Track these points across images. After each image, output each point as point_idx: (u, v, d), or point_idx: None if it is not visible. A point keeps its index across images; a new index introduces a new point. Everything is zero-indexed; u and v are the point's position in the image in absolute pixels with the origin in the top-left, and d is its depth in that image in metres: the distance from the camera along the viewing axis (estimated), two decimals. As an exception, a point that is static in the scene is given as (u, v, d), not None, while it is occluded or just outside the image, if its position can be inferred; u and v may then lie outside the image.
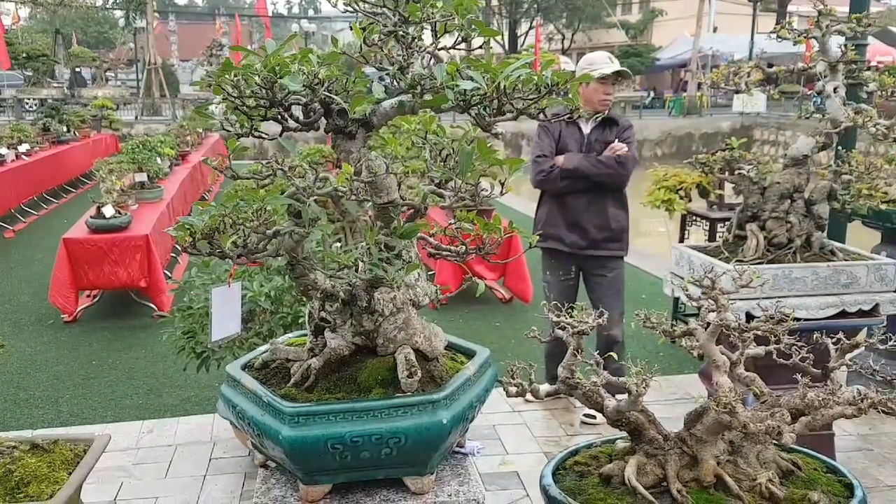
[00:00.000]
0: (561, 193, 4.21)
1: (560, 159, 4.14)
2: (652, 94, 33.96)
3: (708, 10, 33.33)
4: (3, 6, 32.23)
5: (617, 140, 4.13)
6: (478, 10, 1.47)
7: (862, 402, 1.60)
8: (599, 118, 4.13)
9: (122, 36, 48.38)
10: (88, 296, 6.74)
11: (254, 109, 1.45)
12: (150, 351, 5.60)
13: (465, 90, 1.40)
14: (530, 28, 39.04)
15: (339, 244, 1.81)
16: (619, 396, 1.87)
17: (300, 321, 3.51)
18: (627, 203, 4.28)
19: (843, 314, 3.33)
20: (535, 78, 1.42)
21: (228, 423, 3.99)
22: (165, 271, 6.84)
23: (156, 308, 6.44)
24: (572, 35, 42.00)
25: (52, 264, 6.29)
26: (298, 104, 1.49)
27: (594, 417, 4.13)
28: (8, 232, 9.91)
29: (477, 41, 1.56)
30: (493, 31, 1.52)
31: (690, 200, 6.08)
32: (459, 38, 1.49)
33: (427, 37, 1.53)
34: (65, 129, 14.54)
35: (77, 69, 29.23)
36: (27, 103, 23.25)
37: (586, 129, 4.19)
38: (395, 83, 1.46)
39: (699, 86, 26.98)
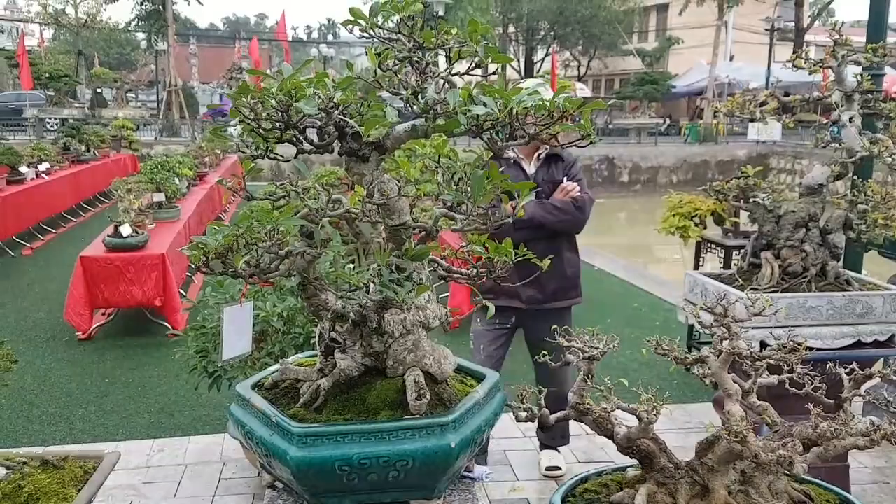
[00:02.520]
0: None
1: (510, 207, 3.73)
2: (668, 121, 34.01)
3: (724, 39, 33.42)
4: (27, 27, 32.88)
5: (565, 178, 3.69)
6: (495, 36, 1.49)
7: (875, 433, 1.58)
8: (543, 156, 3.70)
9: (143, 58, 49.19)
10: (103, 314, 6.79)
11: (269, 132, 1.47)
12: (162, 369, 5.62)
13: (477, 115, 1.42)
14: (546, 55, 39.32)
15: (352, 265, 1.82)
16: (629, 424, 1.86)
17: (312, 341, 3.51)
18: (577, 245, 3.87)
19: (858, 344, 3.30)
20: (547, 104, 1.43)
21: (238, 444, 3.99)
22: (180, 290, 6.88)
23: (170, 327, 6.47)
24: (588, 62, 42.23)
25: (69, 282, 6.35)
26: (313, 127, 1.51)
27: (559, 469, 3.93)
28: (26, 249, 10.01)
29: (491, 66, 1.58)
30: (506, 58, 1.54)
31: (705, 227, 6.07)
32: (473, 65, 1.51)
33: (441, 62, 1.55)
34: (84, 148, 14.73)
35: (98, 90, 29.68)
36: (48, 122, 23.60)
37: (530, 168, 3.71)
38: (409, 108, 1.48)
39: (715, 114, 26.99)
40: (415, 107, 1.47)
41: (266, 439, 1.69)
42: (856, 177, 3.58)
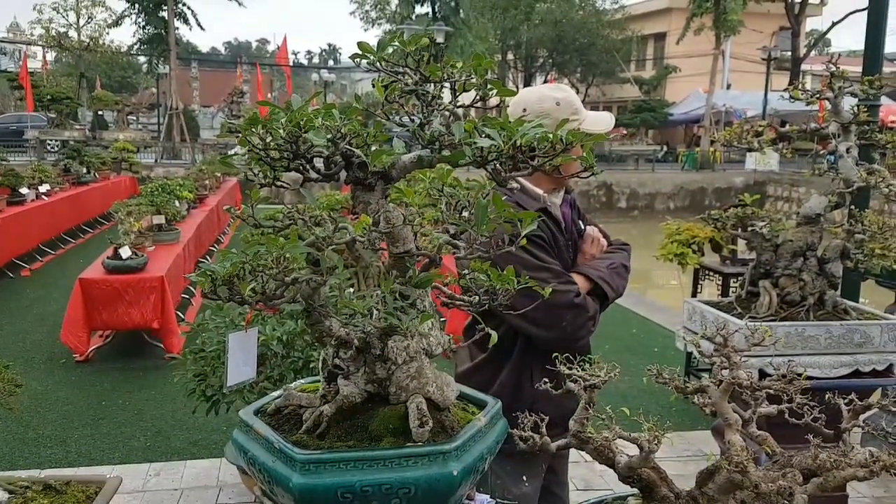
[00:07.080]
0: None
1: (580, 281, 2.50)
2: (665, 148, 34.27)
3: (722, 68, 33.75)
4: (30, 50, 33.14)
5: (582, 223, 2.79)
6: (495, 63, 1.52)
7: (874, 464, 1.59)
8: (562, 194, 2.71)
9: (144, 81, 49.52)
10: (101, 336, 6.78)
11: (277, 161, 1.49)
12: (159, 392, 5.61)
13: (482, 147, 1.45)
14: (545, 81, 39.68)
15: (351, 289, 1.83)
16: (629, 452, 1.86)
17: (311, 366, 3.52)
18: None
19: (856, 374, 3.31)
20: (551, 136, 1.46)
21: (235, 469, 3.97)
22: (177, 312, 6.88)
23: (167, 349, 6.46)
24: (586, 89, 42.59)
25: (67, 304, 6.36)
26: (320, 156, 1.54)
27: None
28: (24, 271, 10.02)
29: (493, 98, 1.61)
30: (510, 91, 1.57)
31: (703, 255, 6.11)
32: (478, 98, 1.54)
33: (446, 94, 1.58)
34: (85, 170, 14.79)
35: (99, 112, 29.84)
36: (49, 144, 23.68)
37: (557, 212, 2.62)
38: (416, 138, 1.51)
39: (712, 142, 27.22)
40: (420, 139, 1.50)
41: (269, 466, 1.69)
42: (853, 207, 3.61)
